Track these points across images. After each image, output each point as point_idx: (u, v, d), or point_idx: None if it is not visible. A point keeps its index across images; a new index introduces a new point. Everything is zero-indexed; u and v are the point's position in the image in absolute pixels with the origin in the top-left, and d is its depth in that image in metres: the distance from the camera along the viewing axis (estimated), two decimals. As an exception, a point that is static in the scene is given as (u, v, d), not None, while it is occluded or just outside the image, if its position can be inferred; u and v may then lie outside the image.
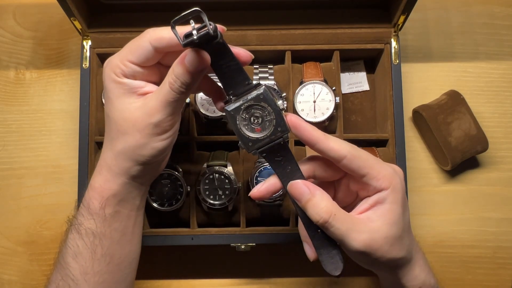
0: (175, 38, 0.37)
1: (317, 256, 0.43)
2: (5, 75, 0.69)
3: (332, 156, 0.40)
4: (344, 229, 0.39)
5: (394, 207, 0.41)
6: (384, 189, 0.40)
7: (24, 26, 0.71)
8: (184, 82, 0.39)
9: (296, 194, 0.40)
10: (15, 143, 0.68)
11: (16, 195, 0.66)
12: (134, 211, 0.47)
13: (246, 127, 0.40)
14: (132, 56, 0.41)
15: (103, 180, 0.44)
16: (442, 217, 0.66)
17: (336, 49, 0.62)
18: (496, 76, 0.70)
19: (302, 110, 0.60)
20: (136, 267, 0.49)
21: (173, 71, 0.39)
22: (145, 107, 0.41)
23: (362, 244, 0.39)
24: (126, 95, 0.42)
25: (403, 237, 0.41)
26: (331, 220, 0.39)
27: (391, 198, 0.40)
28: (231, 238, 0.58)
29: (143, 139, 0.41)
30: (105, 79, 0.42)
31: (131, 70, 0.41)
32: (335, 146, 0.40)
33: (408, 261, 0.43)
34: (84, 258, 0.43)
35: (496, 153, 0.67)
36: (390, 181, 0.41)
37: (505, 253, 0.66)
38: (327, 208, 0.39)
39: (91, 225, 0.44)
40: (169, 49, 0.41)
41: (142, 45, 0.41)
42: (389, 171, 0.41)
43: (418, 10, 0.60)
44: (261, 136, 0.40)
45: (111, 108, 0.42)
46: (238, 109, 0.40)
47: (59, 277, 0.44)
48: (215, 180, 0.58)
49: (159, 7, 0.60)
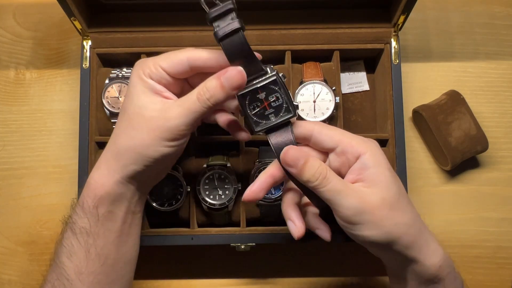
0: (211, 60, 0.42)
1: (302, 233, 0.43)
2: (5, 75, 0.69)
3: (302, 133, 0.42)
4: (340, 186, 0.40)
5: (380, 171, 0.41)
6: (361, 153, 0.41)
7: (24, 26, 0.71)
8: (213, 95, 0.41)
9: (292, 159, 0.41)
10: (15, 143, 0.68)
11: (16, 195, 0.67)
12: (129, 214, 0.46)
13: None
14: (166, 64, 0.42)
15: (98, 176, 0.44)
16: (442, 217, 0.66)
17: (336, 49, 0.62)
18: (496, 76, 0.70)
19: (302, 110, 0.60)
20: (133, 268, 0.49)
21: (205, 84, 0.41)
22: (165, 110, 0.42)
23: (358, 201, 0.39)
24: (148, 93, 0.43)
25: (401, 202, 0.41)
26: (329, 176, 0.40)
27: (372, 161, 0.41)
28: (231, 238, 0.58)
29: (150, 139, 0.42)
30: (132, 75, 0.44)
31: (159, 75, 0.43)
32: (302, 124, 0.43)
33: (419, 233, 0.42)
34: (78, 257, 0.43)
35: (496, 153, 0.67)
36: (366, 146, 0.41)
37: (505, 253, 0.66)
38: (323, 166, 0.40)
39: (85, 224, 0.44)
40: (202, 69, 0.43)
41: (180, 58, 0.42)
42: (360, 138, 0.42)
43: (418, 10, 0.61)
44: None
45: (130, 102, 0.43)
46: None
47: (54, 277, 0.44)
48: (215, 180, 0.58)
49: (159, 7, 0.60)
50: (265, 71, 0.41)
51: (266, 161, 0.58)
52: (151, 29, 0.60)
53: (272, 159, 0.58)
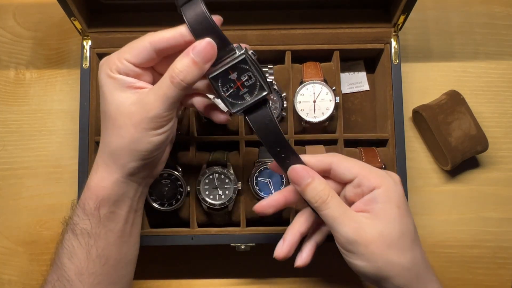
0: (175, 38, 0.39)
1: (282, 256, 0.44)
2: (5, 75, 0.69)
3: (321, 166, 0.43)
4: (338, 212, 0.40)
5: (388, 206, 0.40)
6: (376, 187, 0.41)
7: (24, 26, 0.71)
8: (187, 74, 0.39)
9: (297, 178, 0.42)
10: (15, 143, 0.68)
11: (16, 195, 0.66)
12: (131, 213, 0.46)
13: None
14: (129, 55, 0.41)
15: (98, 178, 0.44)
16: (442, 217, 0.66)
17: (336, 49, 0.62)
18: (496, 76, 0.70)
19: (302, 110, 0.60)
20: (133, 268, 0.49)
21: (175, 65, 0.40)
22: (142, 101, 0.41)
23: (353, 230, 0.39)
24: (120, 90, 0.42)
25: (403, 242, 0.40)
26: (329, 201, 0.40)
27: (383, 197, 0.40)
28: (231, 238, 0.58)
29: (138, 133, 0.41)
30: (100, 75, 0.43)
31: (126, 68, 0.41)
32: (320, 157, 0.43)
33: (416, 278, 0.40)
34: (79, 258, 0.43)
35: (496, 153, 0.67)
36: (382, 180, 0.41)
37: (505, 253, 0.66)
38: (326, 191, 0.41)
39: (86, 225, 0.43)
40: (169, 50, 0.41)
41: (142, 45, 0.41)
42: (381, 173, 0.42)
43: (418, 10, 0.60)
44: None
45: (106, 103, 0.42)
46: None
47: (55, 278, 0.44)
48: (215, 180, 0.58)
49: (159, 7, 0.60)
50: (233, 49, 0.40)
51: (266, 161, 0.58)
52: (151, 29, 0.59)
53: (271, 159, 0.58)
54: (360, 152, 0.60)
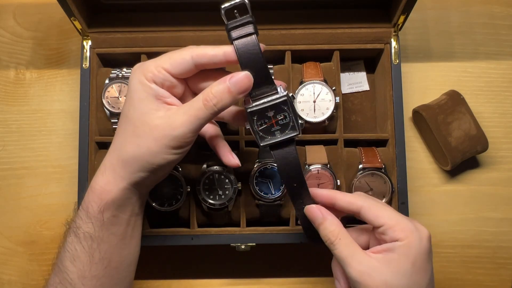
0: (217, 57, 0.41)
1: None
2: (5, 75, 0.69)
3: (350, 209, 0.44)
4: (345, 254, 0.43)
5: (402, 259, 0.41)
6: (398, 240, 0.41)
7: (24, 26, 0.71)
8: (220, 100, 0.40)
9: (311, 217, 0.46)
10: (15, 143, 0.68)
11: (16, 195, 0.67)
12: (133, 216, 0.47)
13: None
14: (169, 65, 0.42)
15: (104, 182, 0.44)
16: (442, 217, 0.66)
17: (336, 49, 0.62)
18: (496, 76, 0.70)
19: (302, 110, 0.60)
20: (134, 269, 0.49)
21: (211, 89, 0.41)
22: (169, 118, 0.41)
23: (357, 273, 0.41)
24: (150, 99, 0.42)
25: None
26: (336, 243, 0.43)
27: (402, 251, 0.41)
28: (231, 238, 0.58)
29: (157, 147, 0.41)
30: (132, 80, 0.43)
31: (162, 77, 0.42)
32: (351, 199, 0.45)
33: None
34: (82, 262, 0.43)
35: (496, 153, 0.67)
36: (406, 235, 0.41)
37: (505, 253, 0.66)
38: (335, 232, 0.44)
39: (89, 229, 0.43)
40: (208, 66, 0.42)
41: (183, 57, 0.42)
42: (408, 226, 0.42)
43: (418, 10, 0.61)
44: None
45: (132, 108, 0.42)
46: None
47: (57, 281, 0.44)
48: (215, 180, 0.58)
49: (159, 7, 0.60)
50: (276, 89, 0.42)
51: (266, 161, 0.58)
52: (151, 29, 0.60)
53: (271, 159, 0.58)
54: (360, 152, 0.60)
